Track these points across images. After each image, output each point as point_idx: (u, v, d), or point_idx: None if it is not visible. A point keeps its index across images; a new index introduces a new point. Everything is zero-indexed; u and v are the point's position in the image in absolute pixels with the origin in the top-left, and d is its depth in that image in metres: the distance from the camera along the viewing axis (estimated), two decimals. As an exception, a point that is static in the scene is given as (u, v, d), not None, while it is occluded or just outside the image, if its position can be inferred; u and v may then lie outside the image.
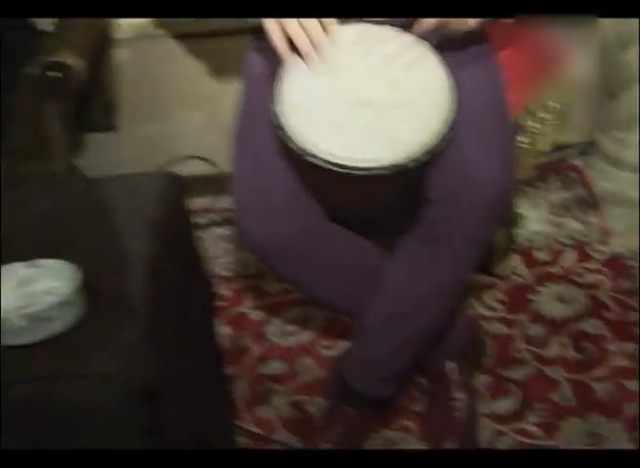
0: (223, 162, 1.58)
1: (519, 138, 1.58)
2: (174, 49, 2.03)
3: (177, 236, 1.32)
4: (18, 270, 1.08)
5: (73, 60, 1.50)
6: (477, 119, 1.26)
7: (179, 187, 1.35)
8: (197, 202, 2.19)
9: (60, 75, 1.49)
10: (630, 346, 1.74)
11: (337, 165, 1.07)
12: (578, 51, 1.85)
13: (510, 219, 1.89)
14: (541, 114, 1.60)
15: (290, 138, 1.11)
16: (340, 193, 1.27)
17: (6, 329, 1.00)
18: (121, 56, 2.01)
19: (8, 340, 1.01)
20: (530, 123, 1.58)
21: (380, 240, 1.38)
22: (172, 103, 2.14)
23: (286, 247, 1.29)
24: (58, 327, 1.02)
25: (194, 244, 1.42)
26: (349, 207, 1.32)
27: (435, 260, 1.31)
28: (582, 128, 2.23)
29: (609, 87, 2.11)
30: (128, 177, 1.40)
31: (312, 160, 1.08)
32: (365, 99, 1.15)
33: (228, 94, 1.58)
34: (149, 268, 1.12)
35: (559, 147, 2.07)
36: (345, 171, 1.07)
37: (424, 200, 1.26)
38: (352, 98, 1.15)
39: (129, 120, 2.09)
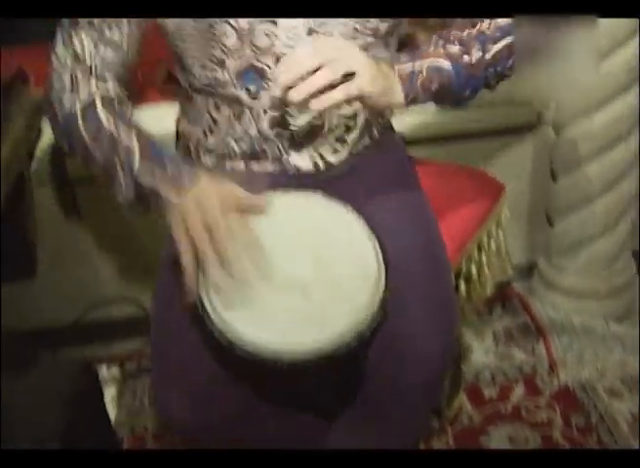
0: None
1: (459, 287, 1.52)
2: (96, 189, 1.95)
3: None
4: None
5: None
6: (412, 284, 1.16)
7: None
8: (126, 346, 2.08)
9: None
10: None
11: (261, 357, 0.98)
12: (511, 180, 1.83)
13: (457, 356, 1.82)
14: (480, 257, 1.55)
15: (213, 325, 1.01)
16: (266, 380, 1.17)
17: None
18: (41, 195, 1.93)
19: None
20: (468, 269, 1.52)
21: (315, 412, 1.27)
22: (95, 245, 2.06)
23: (205, 431, 1.16)
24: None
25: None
26: (277, 389, 1.21)
27: (377, 433, 1.21)
28: (521, 249, 2.22)
29: (547, 213, 2.11)
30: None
31: (237, 352, 0.99)
32: (289, 279, 1.05)
33: (155, 234, 1.51)
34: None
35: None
36: (271, 362, 0.98)
37: (358, 376, 1.16)
38: (276, 278, 1.05)
39: (49, 263, 1.99)
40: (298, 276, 1.05)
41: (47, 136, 1.85)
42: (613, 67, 1.82)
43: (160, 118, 1.44)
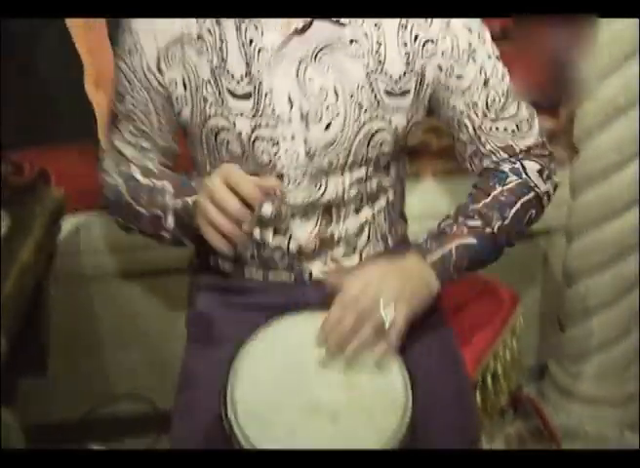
0: (161, 400, 1.51)
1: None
2: (108, 286, 2.02)
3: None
4: None
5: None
6: (438, 407, 1.18)
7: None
8: (138, 443, 2.06)
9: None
10: None
11: None
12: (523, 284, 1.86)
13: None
14: (495, 367, 1.56)
15: (239, 443, 1.02)
16: None
17: None
18: (54, 292, 1.95)
19: None
20: (484, 379, 1.53)
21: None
22: (106, 340, 2.08)
23: None
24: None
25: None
26: None
27: None
28: (532, 352, 2.24)
29: (559, 318, 2.11)
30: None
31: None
32: (318, 403, 1.07)
33: (165, 331, 1.53)
34: None
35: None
36: None
37: None
38: (306, 401, 1.07)
39: (61, 357, 1.99)
40: (328, 400, 1.07)
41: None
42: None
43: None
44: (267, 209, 1.27)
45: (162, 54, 1.24)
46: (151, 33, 1.24)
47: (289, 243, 1.31)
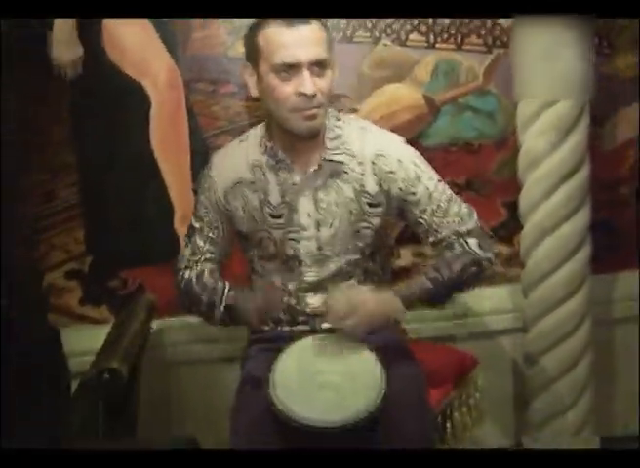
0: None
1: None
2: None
3: None
4: None
5: (120, 365, 1.94)
6: (404, 401, 1.70)
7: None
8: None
9: (109, 377, 1.91)
10: None
11: (309, 428, 1.62)
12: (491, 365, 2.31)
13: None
14: (460, 408, 2.00)
15: (279, 411, 1.65)
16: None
17: None
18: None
19: None
20: (452, 414, 1.97)
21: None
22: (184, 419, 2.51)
23: None
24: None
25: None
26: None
27: None
28: (504, 430, 2.55)
29: (523, 395, 2.49)
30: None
31: (294, 424, 1.63)
32: (325, 383, 1.70)
33: None
34: None
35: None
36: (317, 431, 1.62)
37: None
38: (318, 382, 1.71)
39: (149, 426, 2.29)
40: (332, 380, 1.71)
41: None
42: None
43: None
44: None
45: (228, 191, 1.88)
46: (222, 177, 1.88)
47: (306, 307, 1.90)
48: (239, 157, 1.90)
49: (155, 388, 2.46)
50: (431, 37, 2.44)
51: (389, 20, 2.40)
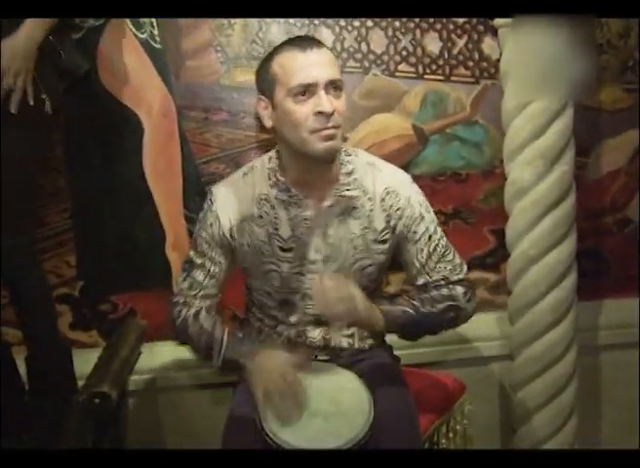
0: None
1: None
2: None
3: None
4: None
5: (110, 390, 1.94)
6: (393, 424, 1.70)
7: None
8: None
9: (99, 401, 1.89)
10: None
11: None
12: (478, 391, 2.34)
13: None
14: (447, 432, 2.02)
15: (267, 436, 1.66)
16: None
17: None
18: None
19: None
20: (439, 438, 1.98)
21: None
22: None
23: None
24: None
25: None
26: None
27: None
28: None
29: (510, 422, 2.51)
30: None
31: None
32: (317, 411, 1.71)
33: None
34: None
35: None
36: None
37: None
38: (310, 409, 1.71)
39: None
40: (323, 409, 1.72)
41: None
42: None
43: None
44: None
45: (234, 227, 1.85)
46: (226, 213, 1.85)
47: (307, 341, 1.90)
48: (244, 192, 1.88)
49: (143, 411, 2.49)
50: (420, 68, 2.52)
51: (379, 51, 2.48)
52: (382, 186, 1.87)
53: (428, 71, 2.50)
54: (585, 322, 2.58)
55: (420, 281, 1.90)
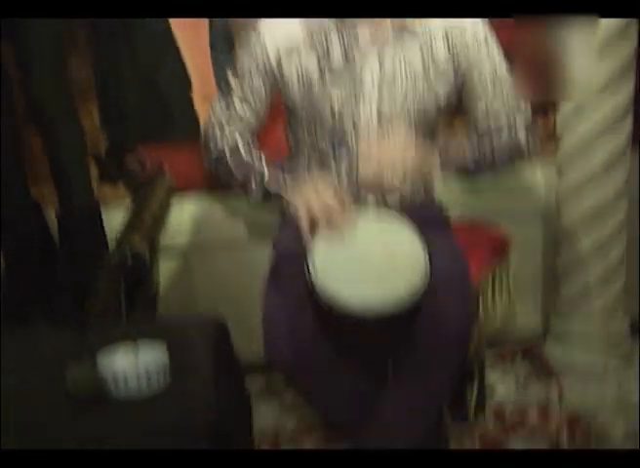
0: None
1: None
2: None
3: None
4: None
5: (143, 249, 1.96)
6: (446, 278, 1.64)
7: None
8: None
9: (131, 262, 1.94)
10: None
11: (348, 310, 1.55)
12: (522, 246, 2.31)
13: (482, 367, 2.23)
14: (494, 288, 2.05)
15: (321, 294, 1.56)
16: (346, 334, 1.69)
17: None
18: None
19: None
20: (485, 294, 2.01)
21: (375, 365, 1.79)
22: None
23: (300, 371, 1.69)
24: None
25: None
26: (352, 342, 1.73)
27: (419, 384, 1.69)
28: (535, 311, 2.68)
29: (554, 280, 2.55)
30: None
31: (334, 307, 1.55)
32: (369, 264, 1.61)
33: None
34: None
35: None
36: (357, 314, 1.54)
37: (408, 338, 1.68)
38: (362, 264, 1.61)
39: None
40: (375, 261, 1.61)
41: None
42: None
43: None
44: None
45: (282, 53, 1.77)
46: (273, 36, 1.77)
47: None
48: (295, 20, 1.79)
49: (179, 268, 2.46)
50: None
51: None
52: (447, 22, 1.79)
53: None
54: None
55: (483, 126, 1.85)
